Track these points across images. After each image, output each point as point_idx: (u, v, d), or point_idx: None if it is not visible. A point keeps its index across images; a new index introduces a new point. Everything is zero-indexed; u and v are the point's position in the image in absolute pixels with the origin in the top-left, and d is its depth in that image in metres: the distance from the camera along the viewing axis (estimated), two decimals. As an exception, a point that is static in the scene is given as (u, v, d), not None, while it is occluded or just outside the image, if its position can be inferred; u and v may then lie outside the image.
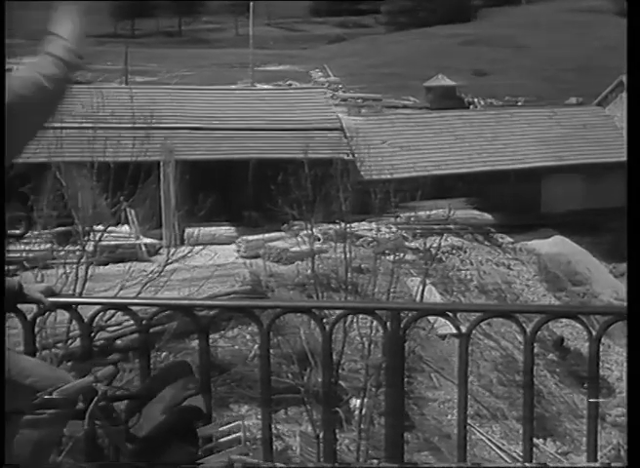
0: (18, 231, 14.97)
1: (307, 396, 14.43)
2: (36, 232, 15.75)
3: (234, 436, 3.23)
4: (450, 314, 4.06)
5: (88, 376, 2.93)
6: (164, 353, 14.70)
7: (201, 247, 17.34)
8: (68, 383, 2.96)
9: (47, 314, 6.55)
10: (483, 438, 17.04)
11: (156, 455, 3.04)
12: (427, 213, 23.58)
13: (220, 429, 3.25)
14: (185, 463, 3.05)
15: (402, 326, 3.86)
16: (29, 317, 3.69)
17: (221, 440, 3.18)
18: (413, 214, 23.01)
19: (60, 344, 12.51)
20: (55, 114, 2.85)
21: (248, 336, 16.93)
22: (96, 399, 2.90)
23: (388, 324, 3.87)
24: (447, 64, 49.59)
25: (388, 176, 21.68)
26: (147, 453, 3.04)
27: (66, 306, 3.84)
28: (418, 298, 17.59)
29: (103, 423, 3.03)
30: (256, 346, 16.15)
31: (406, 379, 4.64)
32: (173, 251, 15.80)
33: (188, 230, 21.96)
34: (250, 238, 23.51)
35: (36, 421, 2.96)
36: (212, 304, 4.78)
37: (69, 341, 12.31)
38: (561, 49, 54.93)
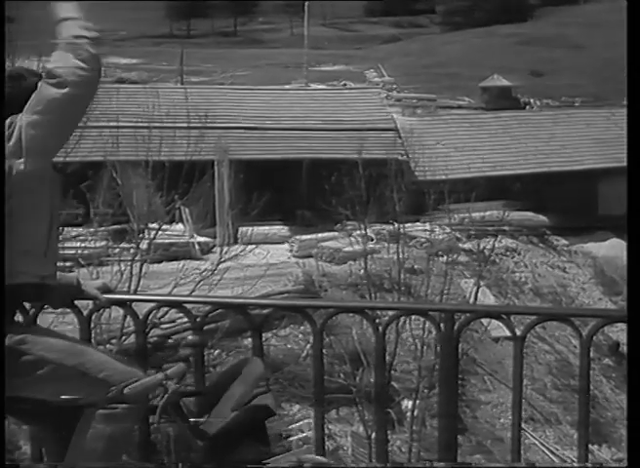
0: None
1: (359, 396, 14.40)
2: (92, 229, 15.95)
3: (303, 435, 3.24)
4: (504, 317, 4.00)
5: (159, 374, 2.93)
6: (216, 351, 14.80)
7: (254, 246, 17.42)
8: (139, 379, 2.98)
9: (102, 310, 6.63)
10: (536, 442, 16.84)
11: (226, 453, 3.04)
12: (482, 214, 23.38)
13: (290, 427, 3.27)
14: (255, 462, 3.04)
15: (456, 328, 3.82)
16: (85, 313, 3.72)
17: (291, 438, 3.19)
18: (467, 215, 22.84)
19: (114, 340, 12.67)
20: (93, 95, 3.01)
21: (300, 336, 16.95)
22: (166, 396, 2.90)
23: (442, 325, 3.84)
24: (503, 64, 49.17)
25: (442, 177, 21.52)
26: (217, 451, 3.04)
27: (122, 303, 3.87)
28: (471, 300, 17.45)
29: (174, 419, 3.04)
30: (308, 345, 16.17)
31: (459, 382, 4.60)
32: (226, 249, 15.90)
33: (242, 229, 22.08)
34: (303, 237, 23.54)
35: (110, 416, 2.98)
36: (266, 303, 4.78)
37: (123, 338, 12.47)
38: (619, 48, 54.01)
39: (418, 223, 22.37)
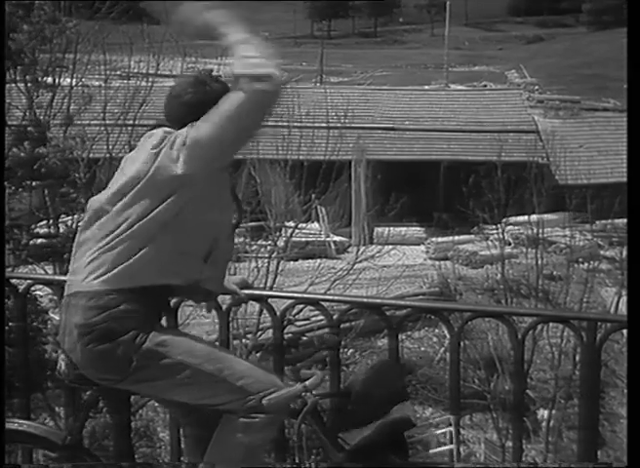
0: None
1: (494, 403, 14.15)
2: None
3: (446, 448, 3.16)
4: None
5: (298, 385, 2.89)
6: (350, 350, 14.83)
7: (390, 246, 17.37)
8: (279, 388, 2.94)
9: (240, 305, 6.72)
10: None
11: (365, 465, 2.99)
12: (625, 220, 22.57)
13: (432, 434, 3.20)
14: None
15: (599, 337, 3.68)
16: (224, 307, 3.76)
17: (432, 451, 3.12)
18: (609, 221, 22.11)
19: (249, 335, 12.88)
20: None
21: (434, 339, 16.80)
22: (305, 409, 2.86)
23: (584, 334, 3.70)
24: (652, 65, 47.30)
25: (585, 182, 20.92)
26: (357, 462, 2.99)
27: (260, 299, 3.89)
28: (612, 310, 16.86)
29: (313, 428, 3.00)
30: (442, 349, 16.00)
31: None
32: (362, 249, 15.91)
33: (377, 229, 22.09)
34: (439, 240, 23.35)
35: (248, 425, 2.94)
36: (403, 304, 4.72)
37: (259, 333, 12.66)
38: None
39: (557, 228, 21.81)
